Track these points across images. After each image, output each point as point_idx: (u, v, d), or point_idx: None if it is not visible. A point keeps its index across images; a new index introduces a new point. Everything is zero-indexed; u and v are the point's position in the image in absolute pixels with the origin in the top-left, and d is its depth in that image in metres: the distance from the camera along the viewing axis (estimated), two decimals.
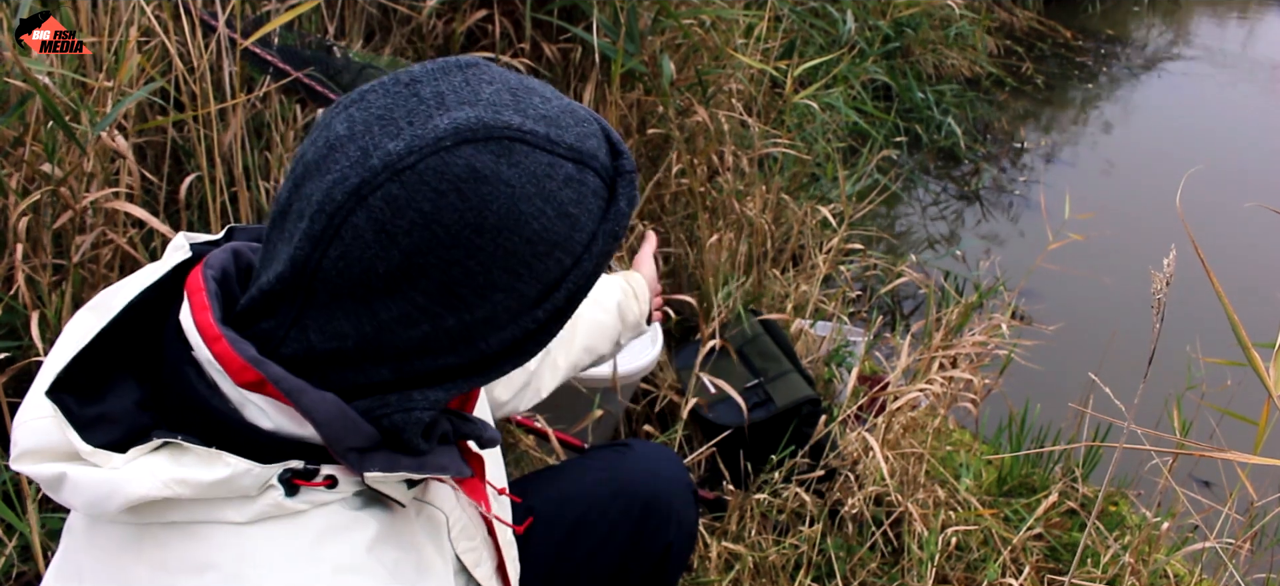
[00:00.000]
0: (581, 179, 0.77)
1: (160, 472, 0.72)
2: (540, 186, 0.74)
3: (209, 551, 0.74)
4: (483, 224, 0.72)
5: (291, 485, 0.77)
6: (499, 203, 0.72)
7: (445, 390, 0.79)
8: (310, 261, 0.73)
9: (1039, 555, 2.23)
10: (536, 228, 0.74)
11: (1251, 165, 5.64)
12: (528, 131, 0.74)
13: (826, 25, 4.22)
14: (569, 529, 1.38)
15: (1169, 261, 1.12)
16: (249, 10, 2.36)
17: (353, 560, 0.79)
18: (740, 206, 2.96)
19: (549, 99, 0.78)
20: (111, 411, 0.75)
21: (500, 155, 0.72)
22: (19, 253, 1.81)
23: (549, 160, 0.74)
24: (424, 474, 0.82)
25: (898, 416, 2.28)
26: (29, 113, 1.86)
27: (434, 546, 0.91)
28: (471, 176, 0.71)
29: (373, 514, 0.83)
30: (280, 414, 0.76)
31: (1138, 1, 9.00)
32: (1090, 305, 3.82)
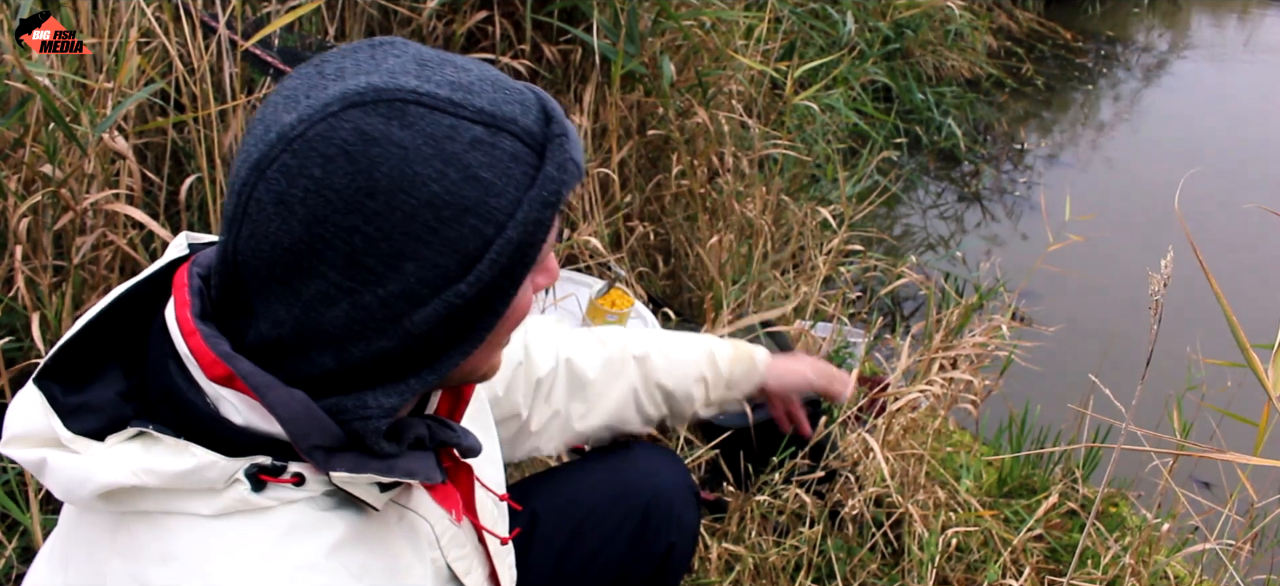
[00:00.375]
0: (493, 141, 0.73)
1: (131, 461, 0.73)
2: (438, 147, 0.71)
3: (173, 542, 0.75)
4: (374, 186, 0.70)
5: (258, 481, 0.77)
6: (389, 163, 0.70)
7: (398, 393, 0.77)
8: (229, 244, 0.74)
9: (1039, 556, 2.23)
10: (435, 190, 0.71)
11: (1251, 166, 5.64)
12: (425, 94, 0.72)
13: (826, 26, 4.22)
14: (570, 532, 1.38)
15: (1166, 263, 1.12)
16: (249, 12, 2.36)
17: (314, 559, 0.78)
18: (740, 208, 2.96)
19: (468, 69, 0.76)
20: (94, 401, 0.77)
21: (391, 117, 0.70)
22: (19, 254, 1.81)
23: (451, 122, 0.72)
24: (392, 477, 0.80)
25: (898, 417, 2.27)
26: (29, 114, 1.86)
27: (413, 553, 0.90)
28: (359, 139, 0.70)
29: (342, 515, 0.82)
30: (250, 409, 0.76)
31: (1138, 3, 9.01)
32: (1090, 306, 3.82)
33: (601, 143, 2.82)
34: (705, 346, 1.48)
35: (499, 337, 0.84)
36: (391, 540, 0.87)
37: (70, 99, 1.86)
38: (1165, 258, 1.13)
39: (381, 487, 0.82)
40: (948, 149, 5.19)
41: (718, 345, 1.50)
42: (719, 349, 1.49)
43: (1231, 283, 1.18)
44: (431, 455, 0.86)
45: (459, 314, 0.75)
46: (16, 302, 1.81)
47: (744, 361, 1.50)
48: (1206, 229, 4.35)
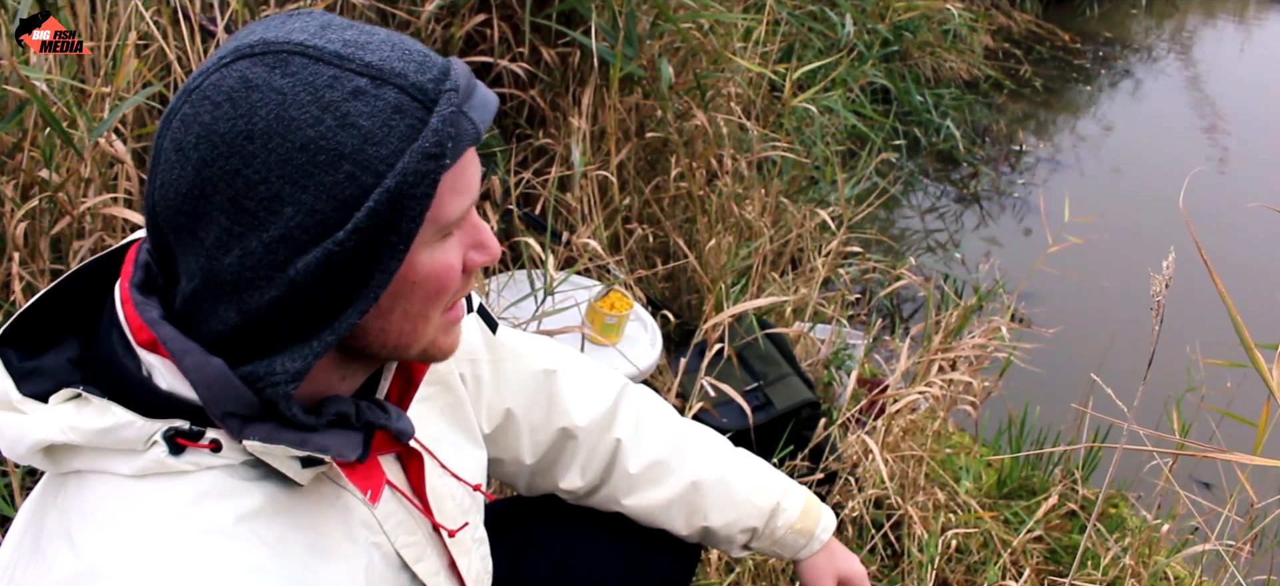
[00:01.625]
0: (376, 93, 0.74)
1: (61, 420, 0.77)
2: (317, 96, 0.73)
3: (94, 499, 0.78)
4: (252, 130, 0.72)
5: (175, 444, 0.79)
6: (267, 109, 0.72)
7: (301, 357, 0.78)
8: (149, 199, 0.78)
9: (1039, 557, 2.23)
10: (311, 134, 0.73)
11: (1250, 167, 5.65)
12: (312, 47, 0.74)
13: (825, 28, 4.22)
14: (567, 550, 1.36)
15: (1168, 263, 1.12)
16: (248, 15, 2.36)
17: (222, 524, 0.79)
18: (739, 210, 2.96)
19: (373, 33, 0.78)
20: (46, 366, 0.81)
21: (274, 67, 0.73)
22: (16, 259, 1.81)
23: (334, 73, 0.74)
24: (305, 450, 0.81)
25: (897, 419, 2.27)
26: (27, 119, 1.86)
27: (343, 532, 0.90)
28: (242, 86, 0.73)
29: (262, 488, 0.83)
30: (174, 375, 0.79)
31: (1136, 4, 9.02)
32: (1089, 307, 3.82)
33: (600, 145, 2.82)
34: (774, 497, 1.37)
35: (412, 306, 0.83)
36: (319, 517, 0.87)
37: (67, 103, 1.85)
38: (1167, 258, 1.13)
39: (304, 462, 0.83)
40: (946, 150, 5.19)
41: (789, 498, 1.38)
42: (789, 503, 1.38)
43: (1231, 282, 1.17)
44: (356, 434, 0.86)
45: (342, 265, 0.76)
46: (14, 307, 1.80)
47: (803, 534, 1.38)
48: (1205, 229, 4.34)
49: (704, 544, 1.41)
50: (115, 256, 0.87)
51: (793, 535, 1.37)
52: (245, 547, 0.79)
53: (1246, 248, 4.43)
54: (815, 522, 1.38)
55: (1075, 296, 3.85)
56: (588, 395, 1.31)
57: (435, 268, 0.82)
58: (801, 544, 1.38)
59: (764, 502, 1.35)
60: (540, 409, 1.28)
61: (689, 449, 1.35)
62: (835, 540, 1.42)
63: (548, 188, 2.72)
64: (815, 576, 1.40)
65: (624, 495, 1.32)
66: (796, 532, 1.37)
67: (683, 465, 1.34)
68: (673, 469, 1.33)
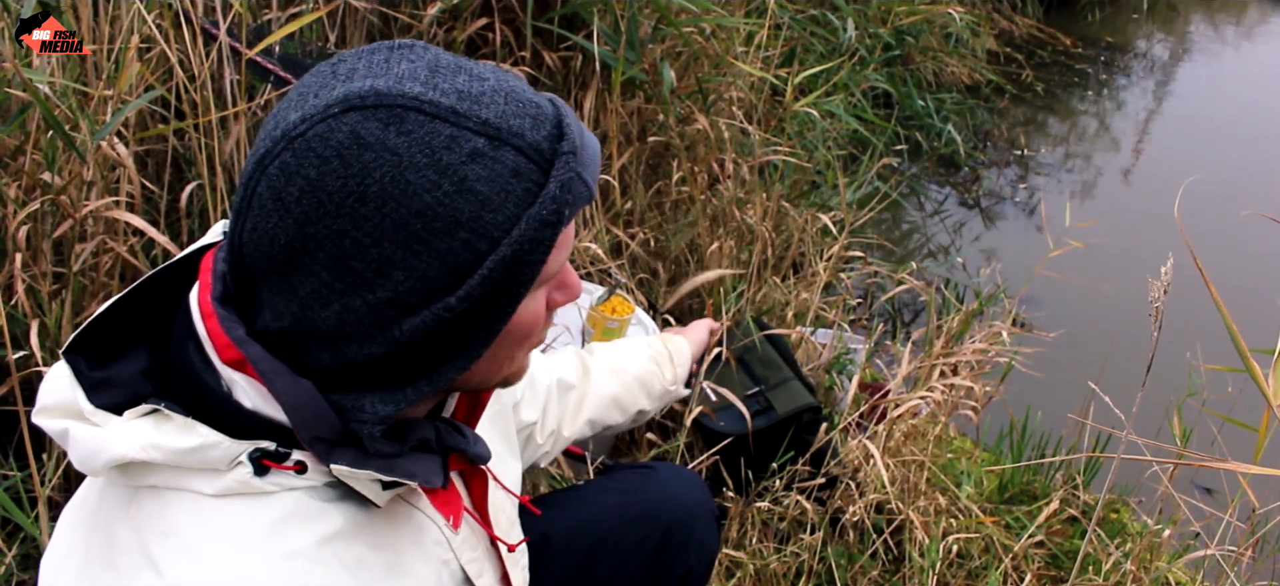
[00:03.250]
0: (494, 155, 0.72)
1: (141, 436, 0.75)
2: (434, 158, 0.70)
3: (175, 517, 0.76)
4: (366, 192, 0.70)
5: (261, 465, 0.78)
6: (382, 170, 0.70)
7: (394, 402, 0.77)
8: (235, 235, 0.76)
9: (1040, 563, 2.23)
10: (428, 201, 0.71)
11: (1250, 173, 5.64)
12: (427, 102, 0.71)
13: (827, 33, 4.23)
14: (588, 550, 1.37)
15: (1166, 270, 1.12)
16: (251, 19, 2.36)
17: (306, 548, 0.79)
18: (741, 214, 2.96)
19: (483, 78, 0.75)
20: (117, 376, 0.79)
21: (388, 123, 0.70)
22: (19, 262, 1.81)
23: (451, 132, 0.71)
24: (392, 476, 0.81)
25: (899, 424, 2.27)
26: (29, 121, 1.86)
27: (418, 552, 0.90)
28: (354, 143, 0.70)
29: (342, 509, 0.82)
30: (259, 395, 0.78)
31: (1137, 9, 9.01)
32: (1091, 312, 3.82)
33: (602, 149, 2.82)
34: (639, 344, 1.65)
35: (502, 351, 0.83)
36: (394, 538, 0.87)
37: (69, 106, 1.86)
38: (1165, 265, 1.13)
39: (384, 485, 0.83)
40: (948, 155, 5.19)
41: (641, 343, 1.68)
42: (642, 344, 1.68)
43: (1230, 288, 1.18)
44: (436, 458, 0.87)
45: (449, 327, 0.75)
46: (16, 310, 1.81)
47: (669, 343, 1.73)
48: (1206, 234, 4.35)
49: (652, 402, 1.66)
50: (184, 265, 0.85)
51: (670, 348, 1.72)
52: (326, 572, 0.79)
53: (1247, 253, 4.43)
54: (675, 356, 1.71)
55: (1077, 301, 3.85)
56: None
57: (528, 318, 0.82)
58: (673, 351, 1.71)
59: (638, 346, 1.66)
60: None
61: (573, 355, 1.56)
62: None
63: None
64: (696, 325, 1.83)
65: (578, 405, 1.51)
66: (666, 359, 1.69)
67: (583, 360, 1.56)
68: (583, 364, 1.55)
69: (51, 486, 1.76)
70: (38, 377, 1.85)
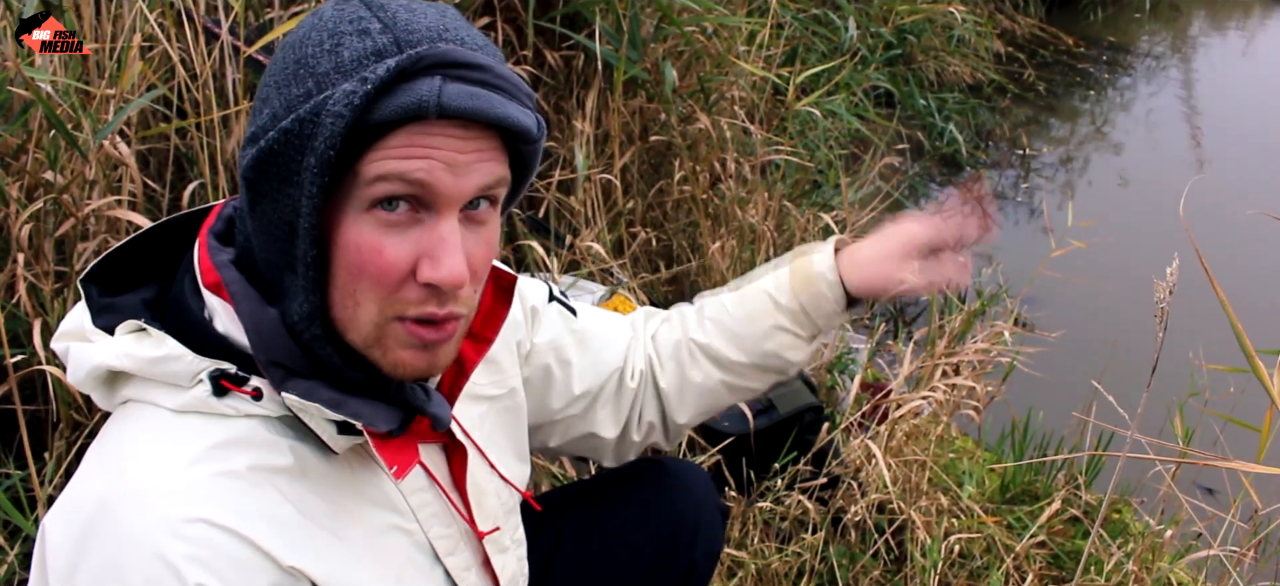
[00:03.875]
0: (375, 37, 0.77)
1: (119, 347, 0.82)
2: (335, 28, 0.78)
3: (139, 426, 0.82)
4: (284, 44, 0.81)
5: (219, 385, 0.81)
6: (301, 30, 0.80)
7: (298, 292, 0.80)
8: None
9: (1042, 563, 2.23)
10: (307, 52, 0.78)
11: (1252, 173, 5.64)
12: (376, 2, 0.79)
13: (829, 32, 4.23)
14: (600, 544, 1.37)
15: (1172, 270, 1.12)
16: (252, 17, 2.36)
17: (241, 470, 0.80)
18: (743, 213, 2.96)
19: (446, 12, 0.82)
20: (121, 304, 0.86)
21: (340, 5, 0.80)
22: (21, 261, 1.81)
23: (365, 16, 0.78)
24: (340, 414, 0.82)
25: (900, 424, 2.27)
26: (31, 120, 1.86)
27: (372, 510, 0.90)
28: (312, 16, 0.81)
29: (295, 447, 0.84)
30: (229, 318, 0.83)
31: (1140, 9, 9.00)
32: (1093, 312, 3.82)
33: (604, 149, 2.82)
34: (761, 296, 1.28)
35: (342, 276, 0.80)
36: (347, 494, 0.88)
37: (71, 105, 1.86)
38: (1171, 265, 1.12)
39: (340, 429, 0.83)
40: (950, 154, 5.18)
41: (773, 283, 1.27)
42: (775, 287, 1.27)
43: (1234, 288, 1.17)
44: (392, 409, 0.87)
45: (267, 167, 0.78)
46: (19, 309, 1.81)
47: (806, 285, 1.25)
48: (1209, 234, 4.34)
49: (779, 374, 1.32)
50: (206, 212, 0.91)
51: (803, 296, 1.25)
52: (262, 495, 0.81)
53: (1250, 253, 4.42)
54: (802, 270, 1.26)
55: (1079, 301, 3.84)
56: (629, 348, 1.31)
57: (357, 240, 0.79)
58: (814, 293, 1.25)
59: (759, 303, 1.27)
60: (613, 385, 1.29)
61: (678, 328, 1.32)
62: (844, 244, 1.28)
63: (551, 191, 2.72)
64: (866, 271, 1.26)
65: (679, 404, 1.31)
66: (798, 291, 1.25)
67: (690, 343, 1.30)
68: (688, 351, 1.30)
69: (53, 486, 1.76)
70: (39, 377, 1.85)
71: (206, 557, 0.76)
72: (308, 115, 0.75)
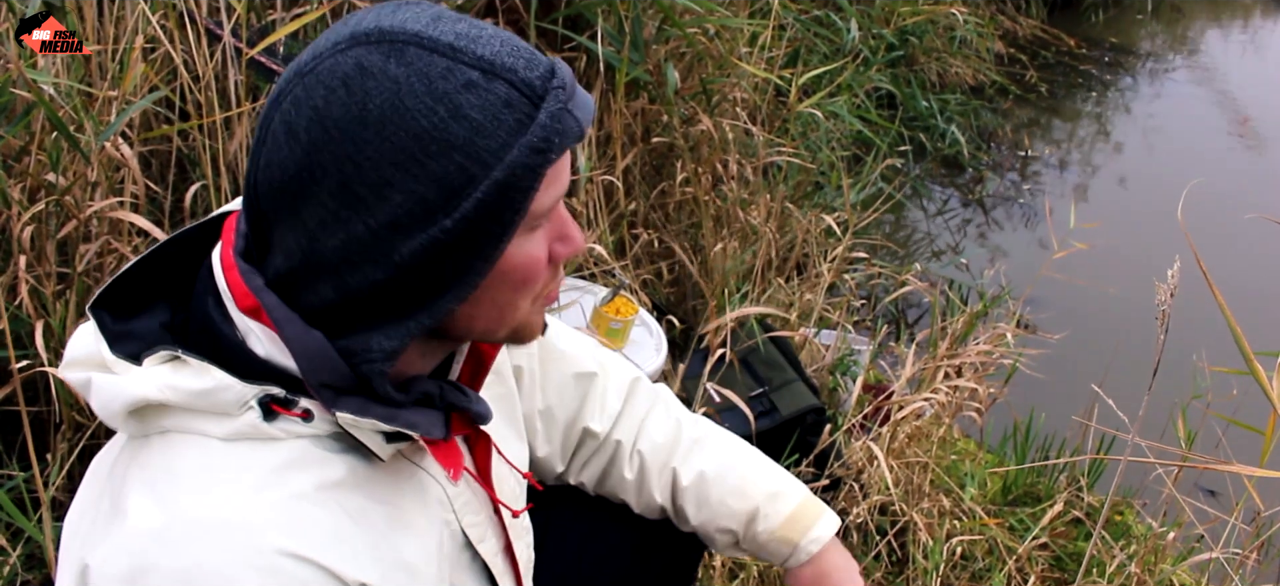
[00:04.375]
0: (487, 86, 0.76)
1: (158, 378, 0.79)
2: (430, 85, 0.75)
3: (183, 457, 0.80)
4: (366, 117, 0.74)
5: (269, 410, 0.80)
6: (382, 96, 0.74)
7: (397, 336, 0.80)
8: (251, 176, 0.80)
9: (1044, 565, 2.22)
10: (424, 124, 0.75)
11: (1254, 175, 5.63)
12: (427, 38, 0.76)
13: (830, 34, 4.23)
14: (583, 533, 1.38)
15: (1173, 273, 1.12)
16: (254, 19, 2.37)
17: (308, 491, 0.81)
18: (744, 215, 2.96)
19: (482, 28, 0.80)
20: (138, 329, 0.83)
21: (390, 55, 0.75)
22: (22, 263, 1.81)
23: (447, 64, 0.75)
24: (394, 426, 0.83)
25: (902, 425, 2.27)
26: (34, 122, 1.86)
27: (420, 509, 0.92)
28: (358, 72, 0.75)
29: (346, 459, 0.85)
30: (272, 343, 0.81)
31: (1141, 10, 9.00)
32: (1095, 314, 3.81)
33: (606, 150, 2.83)
34: (753, 502, 1.29)
35: (502, 294, 0.85)
36: (397, 493, 0.89)
37: (74, 107, 1.86)
38: (1172, 268, 1.12)
39: (388, 438, 0.85)
40: (952, 156, 5.18)
41: (777, 502, 1.29)
42: (773, 508, 1.29)
43: (1235, 291, 1.17)
44: (438, 413, 0.89)
45: (445, 251, 0.78)
46: (21, 311, 1.81)
47: (785, 542, 1.29)
48: (1211, 236, 4.33)
49: (703, 542, 1.37)
50: (206, 227, 0.90)
51: (775, 542, 1.29)
52: (328, 515, 0.81)
53: (1252, 255, 4.42)
54: (801, 532, 1.28)
55: (1081, 303, 3.84)
56: (610, 399, 1.31)
57: (524, 259, 0.83)
58: (786, 552, 1.29)
59: (740, 506, 1.28)
60: (573, 408, 1.29)
61: (678, 449, 1.32)
62: (833, 552, 1.31)
63: None
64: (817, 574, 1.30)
65: (623, 493, 1.33)
66: (779, 541, 1.28)
67: (667, 465, 1.31)
68: (657, 470, 1.31)
69: (56, 487, 1.76)
70: (41, 379, 1.86)
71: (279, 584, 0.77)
72: (488, 196, 0.77)
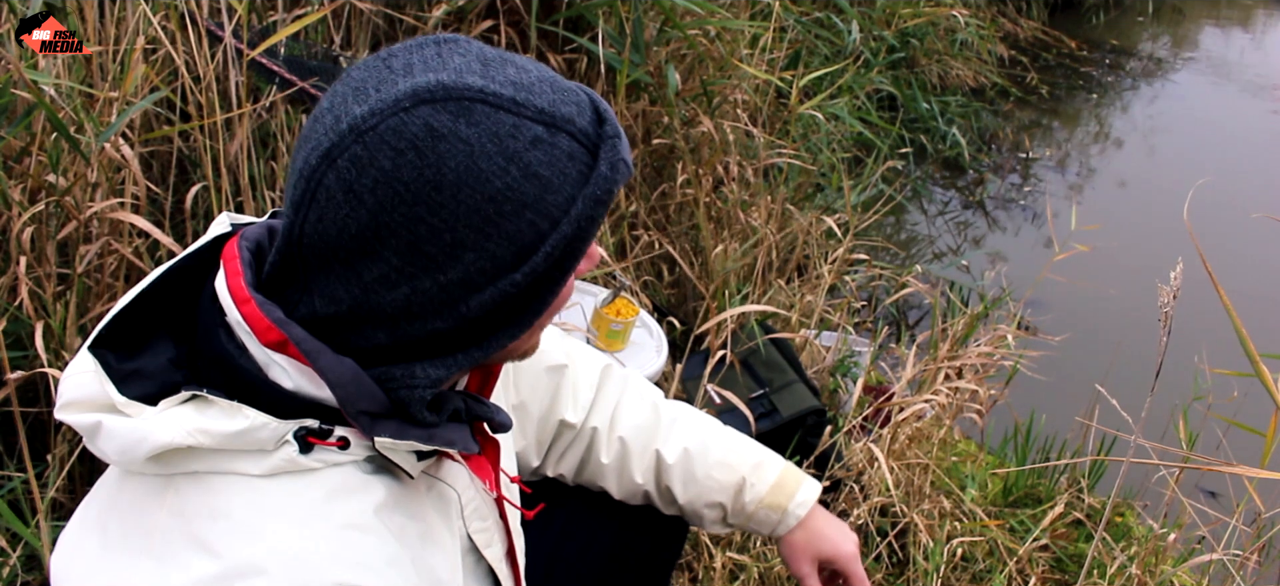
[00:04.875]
0: (552, 141, 0.77)
1: (185, 422, 0.77)
2: (501, 145, 0.75)
3: (225, 500, 0.78)
4: (441, 180, 0.73)
5: (306, 443, 0.80)
6: (456, 159, 0.74)
7: (445, 366, 0.81)
8: (294, 227, 0.78)
9: (1045, 566, 2.22)
10: (499, 186, 0.75)
11: (1257, 176, 5.63)
12: (490, 93, 0.75)
13: (831, 36, 4.23)
14: (563, 524, 1.38)
15: (1176, 275, 1.12)
16: (255, 20, 2.37)
17: (360, 519, 0.82)
18: (745, 216, 2.96)
19: (526, 69, 0.79)
20: (146, 367, 0.81)
21: (458, 114, 0.74)
22: (23, 264, 1.81)
23: (514, 122, 0.75)
24: (432, 446, 0.84)
25: (903, 427, 2.27)
26: (34, 123, 1.86)
27: (442, 520, 0.93)
28: (428, 134, 0.73)
29: (382, 480, 0.86)
30: (300, 374, 0.80)
31: (1142, 12, 9.00)
32: (1096, 316, 3.81)
33: None
34: (739, 472, 1.33)
35: (544, 322, 0.88)
36: (423, 507, 0.91)
37: (74, 108, 1.86)
38: (1175, 269, 1.12)
39: (418, 456, 0.86)
40: (953, 158, 5.18)
41: (761, 471, 1.34)
42: (758, 478, 1.33)
43: (1237, 292, 1.17)
44: (467, 427, 0.90)
45: (512, 301, 0.80)
46: (21, 312, 1.81)
47: (774, 509, 1.33)
48: (1212, 238, 4.34)
49: (689, 521, 1.40)
50: (198, 257, 0.87)
51: (764, 511, 1.33)
52: (379, 540, 0.82)
53: (1252, 257, 4.42)
54: (788, 497, 1.32)
55: (1082, 304, 3.84)
56: (582, 388, 1.34)
57: (568, 291, 0.86)
58: (775, 519, 1.33)
59: (727, 478, 1.32)
60: (546, 402, 1.31)
61: (659, 429, 1.34)
62: (820, 515, 1.35)
63: None
64: (790, 555, 1.35)
65: (604, 480, 1.35)
66: (768, 507, 1.32)
67: (649, 446, 1.33)
68: (639, 451, 1.33)
69: (56, 488, 1.76)
70: (41, 380, 1.85)
71: None
72: (556, 250, 0.78)
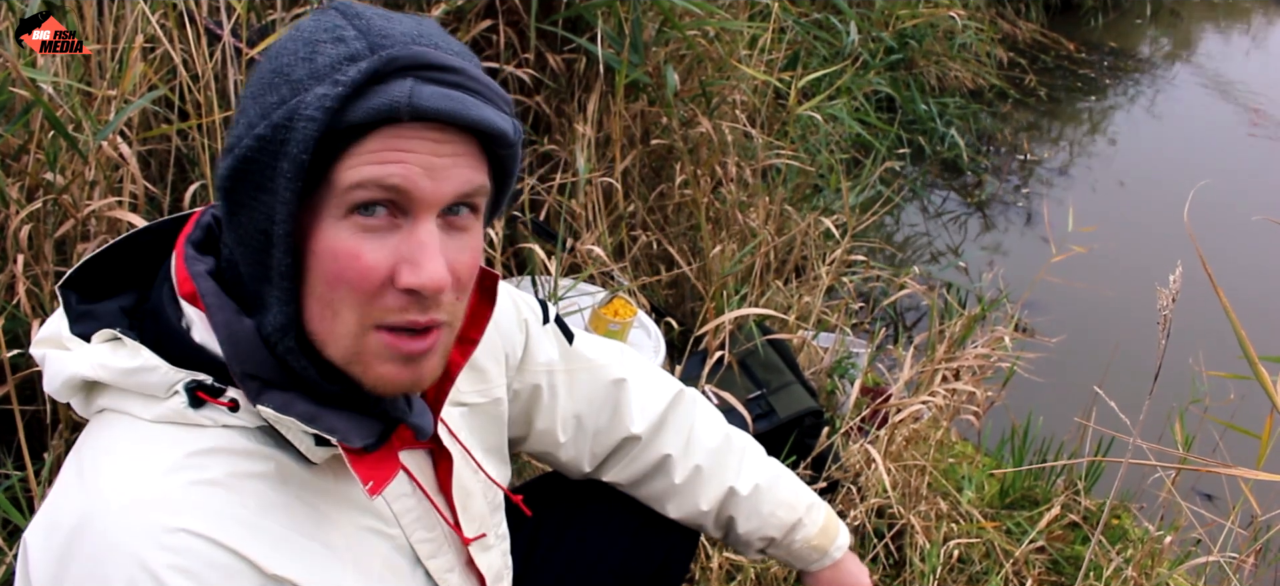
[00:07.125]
0: (350, 44, 0.76)
1: (94, 357, 0.81)
2: (312, 36, 0.78)
3: (114, 436, 0.81)
4: (265, 55, 0.80)
5: (195, 397, 0.81)
6: (280, 41, 0.80)
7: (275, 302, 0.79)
8: None
9: (1041, 568, 2.22)
10: (284, 61, 0.77)
11: (1255, 178, 5.64)
12: (353, 11, 0.79)
13: (830, 37, 4.23)
14: (576, 536, 1.38)
15: (1175, 277, 1.12)
16: (254, 19, 2.36)
17: (221, 477, 0.80)
18: (744, 217, 2.96)
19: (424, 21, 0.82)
20: (99, 311, 0.85)
21: (320, 15, 0.80)
22: (20, 262, 1.81)
23: (340, 24, 0.78)
24: (314, 428, 0.81)
25: (900, 428, 2.27)
26: (32, 121, 1.86)
27: (349, 516, 0.89)
28: (294, 26, 0.81)
29: (273, 455, 0.83)
30: (207, 330, 0.82)
31: (1141, 14, 9.01)
32: (1093, 317, 3.82)
33: (605, 152, 2.83)
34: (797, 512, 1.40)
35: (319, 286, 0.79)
36: (326, 499, 0.87)
37: (72, 106, 1.86)
38: (1174, 272, 1.12)
39: (318, 441, 0.82)
40: (951, 159, 5.18)
41: (813, 513, 1.41)
42: (810, 519, 1.40)
43: (1234, 295, 1.17)
44: (372, 422, 0.85)
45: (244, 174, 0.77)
46: (18, 310, 1.80)
47: (817, 549, 1.42)
48: (1210, 240, 4.34)
49: (726, 542, 1.46)
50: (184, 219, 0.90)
51: (808, 549, 1.41)
52: (242, 504, 0.80)
53: (1251, 259, 4.42)
54: (831, 540, 1.42)
55: (1079, 306, 3.84)
56: (649, 404, 1.34)
57: (335, 247, 0.78)
58: (816, 558, 1.42)
59: (787, 517, 1.39)
60: (605, 415, 1.31)
61: (729, 459, 1.38)
62: (849, 557, 1.45)
63: (553, 194, 2.72)
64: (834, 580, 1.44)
65: (667, 500, 1.36)
66: (812, 547, 1.41)
67: (721, 475, 1.37)
68: (711, 479, 1.36)
69: (51, 486, 1.76)
70: (39, 378, 1.85)
71: (189, 566, 0.76)
72: (282, 120, 0.74)
